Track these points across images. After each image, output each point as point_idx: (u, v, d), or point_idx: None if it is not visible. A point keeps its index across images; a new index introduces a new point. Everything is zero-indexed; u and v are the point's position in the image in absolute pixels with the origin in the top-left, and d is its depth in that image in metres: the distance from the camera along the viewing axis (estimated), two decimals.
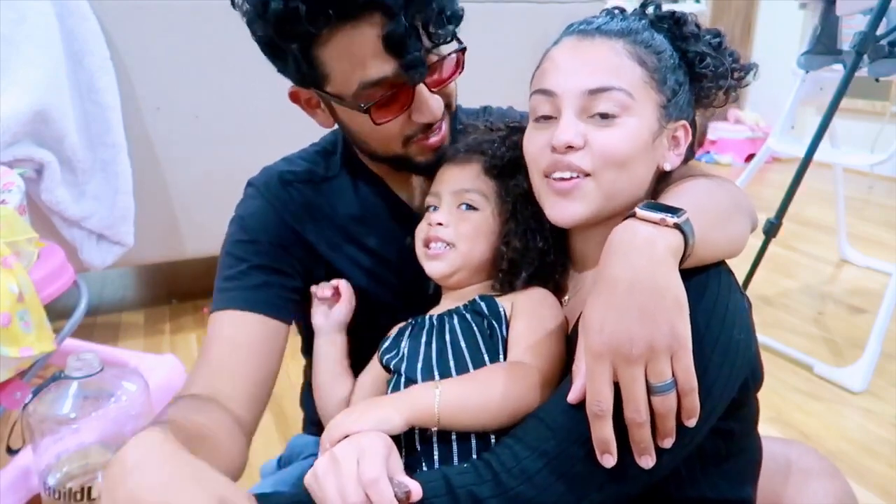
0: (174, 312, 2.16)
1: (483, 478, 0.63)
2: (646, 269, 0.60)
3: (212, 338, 0.83)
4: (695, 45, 0.74)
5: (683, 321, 0.60)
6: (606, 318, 0.60)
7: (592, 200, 0.71)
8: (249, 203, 0.90)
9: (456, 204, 0.83)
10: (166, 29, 1.82)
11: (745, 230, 0.75)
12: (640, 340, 0.59)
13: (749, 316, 0.70)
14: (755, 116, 4.47)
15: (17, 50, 1.56)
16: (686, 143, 0.76)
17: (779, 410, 1.57)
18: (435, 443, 0.70)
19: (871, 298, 2.16)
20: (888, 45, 1.71)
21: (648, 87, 0.71)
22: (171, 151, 1.92)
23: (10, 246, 1.10)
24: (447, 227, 0.82)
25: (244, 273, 0.85)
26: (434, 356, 0.76)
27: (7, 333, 1.03)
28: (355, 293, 0.91)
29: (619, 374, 0.60)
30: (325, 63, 0.76)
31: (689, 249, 0.63)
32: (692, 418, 0.62)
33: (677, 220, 0.62)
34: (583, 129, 0.70)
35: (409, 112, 0.79)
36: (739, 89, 0.77)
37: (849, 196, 2.85)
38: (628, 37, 0.72)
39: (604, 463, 0.61)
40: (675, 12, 0.76)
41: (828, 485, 0.88)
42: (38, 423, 1.09)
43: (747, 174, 2.21)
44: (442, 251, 0.82)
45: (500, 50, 2.00)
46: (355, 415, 0.68)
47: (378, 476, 0.59)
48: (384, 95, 0.76)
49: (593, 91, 0.70)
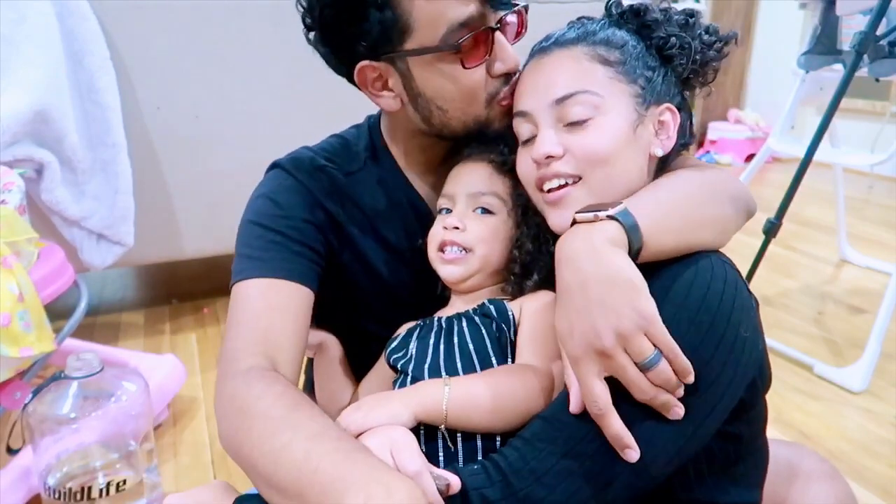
0: (174, 312, 2.16)
1: (493, 479, 0.64)
2: (591, 265, 0.62)
3: (251, 305, 0.79)
4: (658, 29, 0.77)
5: (641, 298, 0.62)
6: (573, 322, 0.63)
7: (586, 203, 0.73)
8: (278, 182, 0.88)
9: (472, 207, 0.83)
10: (166, 29, 1.82)
11: (727, 215, 0.75)
12: (606, 331, 0.61)
13: (756, 314, 0.71)
14: (755, 116, 4.47)
15: (17, 50, 1.55)
16: (675, 125, 0.77)
17: (779, 410, 1.57)
18: (440, 443, 0.70)
19: (871, 298, 2.16)
20: (888, 45, 1.71)
21: (616, 81, 0.73)
22: (171, 151, 1.91)
23: (10, 246, 1.10)
24: (464, 232, 0.82)
25: (277, 244, 0.83)
26: (442, 357, 0.76)
27: (7, 333, 1.03)
28: (376, 282, 0.91)
29: (606, 368, 0.62)
30: (409, 11, 0.76)
31: (634, 237, 0.64)
32: (689, 374, 0.63)
33: (610, 213, 0.65)
34: (561, 139, 0.73)
35: (490, 66, 0.80)
36: (716, 62, 0.79)
37: (849, 196, 2.85)
38: (585, 41, 0.75)
39: (627, 458, 0.62)
40: (633, 5, 0.79)
41: (829, 487, 0.88)
42: (38, 423, 1.09)
43: (747, 174, 2.21)
44: (458, 255, 0.82)
45: None
46: (364, 410, 0.68)
47: (421, 469, 0.60)
48: (468, 40, 0.77)
49: (560, 100, 0.73)
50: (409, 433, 0.65)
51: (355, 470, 0.58)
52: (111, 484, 1.12)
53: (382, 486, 0.56)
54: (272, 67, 1.90)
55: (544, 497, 0.63)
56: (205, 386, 1.70)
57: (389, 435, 0.64)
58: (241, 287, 0.80)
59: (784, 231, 1.78)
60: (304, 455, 0.61)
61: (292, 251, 0.83)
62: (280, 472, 0.62)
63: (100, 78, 1.70)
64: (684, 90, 0.81)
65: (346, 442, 0.63)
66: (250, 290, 0.80)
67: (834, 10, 1.90)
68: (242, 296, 0.80)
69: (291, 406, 0.67)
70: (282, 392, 0.69)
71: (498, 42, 0.79)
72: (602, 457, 0.63)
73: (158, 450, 1.30)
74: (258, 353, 0.75)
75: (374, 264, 0.91)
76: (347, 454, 0.60)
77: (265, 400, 0.68)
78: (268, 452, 0.64)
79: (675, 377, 0.62)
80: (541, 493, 0.63)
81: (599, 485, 0.63)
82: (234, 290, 0.81)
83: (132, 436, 1.16)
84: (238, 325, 0.78)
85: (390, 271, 0.92)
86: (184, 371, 1.58)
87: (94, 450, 1.15)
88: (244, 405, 0.69)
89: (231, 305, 0.80)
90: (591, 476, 0.63)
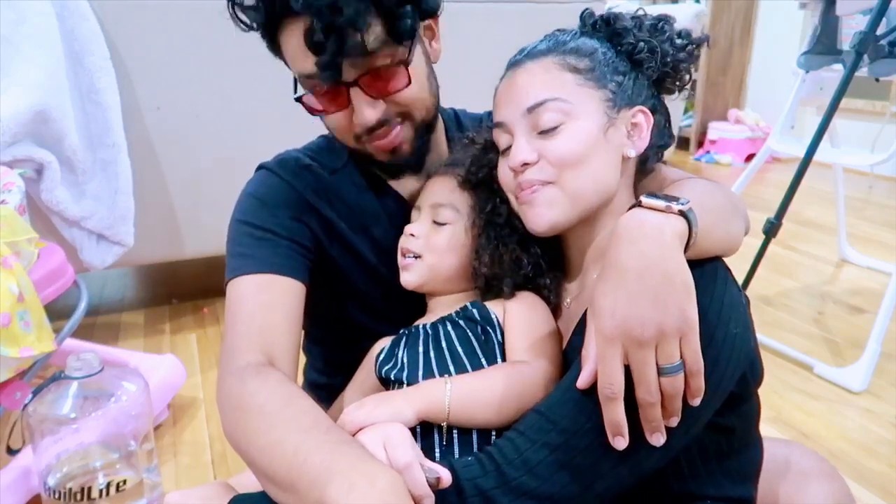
0: (174, 312, 2.16)
1: (486, 469, 0.65)
2: (655, 255, 0.62)
3: (245, 303, 0.81)
4: (627, 36, 0.79)
5: (691, 304, 0.62)
6: (617, 303, 0.62)
7: (560, 203, 0.75)
8: (264, 181, 0.91)
9: (432, 217, 0.87)
10: (166, 29, 1.82)
11: (741, 231, 0.78)
12: (651, 324, 0.61)
13: (747, 311, 0.71)
14: (755, 116, 4.46)
15: (17, 50, 1.55)
16: (648, 126, 0.79)
17: (779, 410, 1.57)
18: (436, 438, 0.71)
19: (871, 298, 2.16)
20: (888, 45, 1.71)
21: (585, 87, 0.76)
22: (171, 151, 1.91)
23: (10, 246, 1.10)
24: (418, 239, 0.86)
25: (267, 240, 0.85)
26: (434, 362, 0.77)
27: (7, 333, 1.03)
28: (367, 274, 0.94)
29: (630, 357, 0.62)
30: (282, 48, 0.82)
31: (692, 238, 0.65)
32: (697, 398, 0.64)
33: (682, 208, 0.64)
34: (535, 145, 0.76)
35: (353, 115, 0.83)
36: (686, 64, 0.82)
37: (849, 196, 2.85)
38: (555, 51, 0.78)
39: (616, 445, 0.63)
40: (603, 15, 0.82)
41: (826, 486, 0.89)
42: (38, 423, 1.09)
43: (747, 174, 2.21)
44: (410, 262, 0.86)
45: (499, 50, 2.00)
46: (367, 408, 0.69)
47: (411, 461, 0.61)
48: (318, 90, 0.82)
49: (531, 108, 0.76)
50: (403, 428, 0.66)
51: (341, 461, 0.60)
52: (111, 484, 1.12)
53: (366, 477, 0.57)
54: (272, 67, 1.90)
55: (536, 487, 0.64)
56: (205, 386, 1.70)
57: (384, 430, 0.65)
58: (234, 285, 0.83)
59: (784, 231, 1.78)
60: (294, 449, 0.63)
61: (282, 246, 0.85)
62: (274, 465, 0.64)
63: (100, 78, 1.70)
64: (659, 93, 0.83)
65: (334, 434, 0.64)
66: (244, 286, 0.82)
67: (834, 10, 1.90)
68: (237, 293, 0.82)
69: (285, 401, 0.69)
70: (275, 387, 0.71)
71: (354, 99, 0.82)
72: (595, 451, 0.64)
73: (158, 450, 1.31)
74: (254, 350, 0.77)
75: (365, 257, 0.93)
76: (335, 446, 0.62)
77: (259, 396, 0.70)
78: (263, 447, 0.66)
79: (681, 395, 0.63)
80: (533, 484, 0.64)
81: (590, 477, 0.64)
82: (229, 287, 0.84)
83: (132, 436, 1.16)
84: (234, 322, 0.80)
85: (380, 263, 0.94)
86: (184, 371, 1.58)
87: (94, 450, 1.15)
88: (240, 402, 0.71)
89: (227, 303, 0.83)
90: (583, 469, 0.64)
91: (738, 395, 0.72)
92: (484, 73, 0.97)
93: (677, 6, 4.33)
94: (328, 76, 0.78)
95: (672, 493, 0.73)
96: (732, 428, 0.73)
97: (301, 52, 0.78)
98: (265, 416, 0.68)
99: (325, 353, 1.07)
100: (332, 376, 1.02)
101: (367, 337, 0.91)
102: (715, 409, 0.69)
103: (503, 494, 0.63)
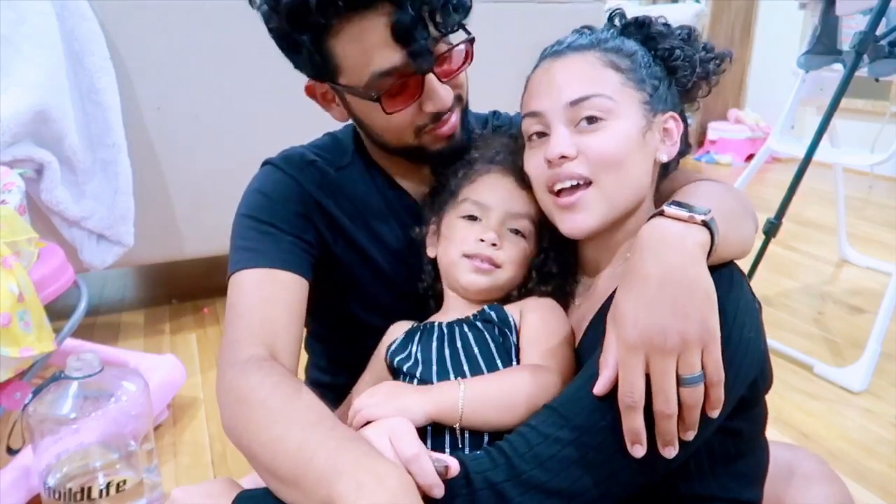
0: (174, 312, 2.16)
1: (496, 462, 0.64)
2: (678, 265, 0.62)
3: (247, 296, 0.80)
4: (663, 41, 0.79)
5: (714, 314, 0.62)
6: (640, 312, 0.62)
7: (598, 208, 0.75)
8: (269, 176, 0.90)
9: (506, 226, 0.84)
10: (166, 29, 1.82)
11: (752, 233, 0.78)
12: (673, 333, 0.61)
13: (759, 316, 0.72)
14: (755, 116, 4.47)
15: (17, 50, 1.55)
16: (678, 133, 0.79)
17: (779, 410, 1.57)
18: (447, 438, 0.71)
19: (871, 298, 2.16)
20: (888, 45, 1.71)
21: (627, 87, 0.75)
22: (171, 151, 1.91)
23: (10, 246, 1.10)
24: (500, 250, 0.82)
25: (270, 235, 0.85)
26: (448, 361, 0.77)
27: (7, 333, 1.04)
28: (372, 271, 0.93)
29: (651, 366, 0.62)
30: (337, 54, 0.78)
31: (714, 247, 0.65)
32: (716, 409, 0.63)
33: (705, 218, 0.65)
34: (574, 140, 0.74)
35: (419, 102, 0.81)
36: (716, 76, 0.82)
37: (849, 196, 2.85)
38: (598, 47, 0.77)
39: (634, 453, 0.63)
40: (637, 18, 0.81)
41: (827, 490, 0.89)
42: (38, 423, 1.09)
43: (747, 174, 2.21)
44: (489, 268, 0.82)
45: (499, 50, 2.00)
46: (378, 398, 0.69)
47: (418, 452, 0.61)
48: (394, 85, 0.78)
49: (574, 102, 0.74)
50: (408, 422, 0.65)
51: (348, 458, 0.59)
52: (111, 484, 1.12)
53: (373, 474, 0.57)
54: (272, 67, 1.89)
55: (547, 481, 0.63)
56: (205, 386, 1.70)
57: (388, 424, 0.65)
58: (237, 278, 0.82)
59: (784, 231, 1.78)
60: (298, 445, 0.62)
61: (285, 241, 0.84)
62: (277, 461, 0.63)
63: (100, 78, 1.70)
64: (683, 101, 0.83)
65: (339, 431, 0.64)
66: (246, 280, 0.81)
67: (834, 10, 1.90)
68: (239, 286, 0.82)
69: (288, 396, 0.68)
70: (278, 381, 0.70)
71: (427, 85, 0.79)
72: (606, 449, 0.64)
73: (158, 450, 1.30)
74: (256, 343, 0.76)
75: (369, 254, 0.92)
76: (340, 443, 0.61)
77: (262, 390, 0.69)
78: (266, 442, 0.65)
79: (700, 407, 0.63)
80: (543, 478, 0.63)
81: (602, 475, 0.64)
82: (231, 281, 0.83)
83: (132, 436, 1.16)
84: (236, 315, 0.79)
85: (385, 261, 0.93)
86: (184, 371, 1.58)
87: (94, 450, 1.15)
88: (242, 395, 0.70)
89: (229, 296, 0.82)
90: (595, 466, 0.64)
91: (749, 400, 0.72)
92: (484, 73, 0.97)
93: (677, 6, 4.33)
94: (424, 62, 0.76)
95: (678, 495, 0.72)
96: (740, 431, 0.73)
97: (380, 49, 0.75)
98: (268, 411, 0.67)
99: (327, 350, 1.07)
100: (335, 374, 1.02)
101: (370, 334, 0.90)
102: (727, 413, 0.68)
103: (513, 487, 0.63)
